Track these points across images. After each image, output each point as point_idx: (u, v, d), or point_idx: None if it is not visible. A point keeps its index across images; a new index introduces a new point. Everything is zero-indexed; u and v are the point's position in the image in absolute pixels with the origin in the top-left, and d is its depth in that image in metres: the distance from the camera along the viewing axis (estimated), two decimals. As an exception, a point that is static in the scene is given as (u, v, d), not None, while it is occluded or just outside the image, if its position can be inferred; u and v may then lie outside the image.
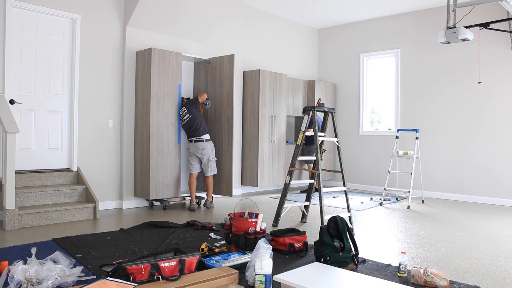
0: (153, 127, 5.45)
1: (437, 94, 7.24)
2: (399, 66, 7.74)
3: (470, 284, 2.89)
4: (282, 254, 3.49)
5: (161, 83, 5.52)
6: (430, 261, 3.44)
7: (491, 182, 6.64)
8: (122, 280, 2.42)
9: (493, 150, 6.64)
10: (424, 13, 7.40)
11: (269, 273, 2.62)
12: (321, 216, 4.32)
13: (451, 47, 7.02)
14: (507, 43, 6.49)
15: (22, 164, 4.93)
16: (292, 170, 4.76)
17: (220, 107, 5.99)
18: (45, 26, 5.06)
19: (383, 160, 7.84)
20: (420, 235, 4.40)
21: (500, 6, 6.30)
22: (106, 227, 4.51)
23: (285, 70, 8.19)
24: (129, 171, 5.68)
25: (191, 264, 2.71)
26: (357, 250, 3.26)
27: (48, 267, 2.61)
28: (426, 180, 7.20)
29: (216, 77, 6.04)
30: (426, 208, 6.12)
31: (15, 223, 4.28)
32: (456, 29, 5.01)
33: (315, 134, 4.56)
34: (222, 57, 5.98)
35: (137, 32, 5.74)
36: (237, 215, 3.65)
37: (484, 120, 6.73)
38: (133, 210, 5.53)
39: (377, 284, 2.57)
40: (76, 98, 5.28)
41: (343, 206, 6.01)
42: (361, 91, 8.27)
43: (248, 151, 7.15)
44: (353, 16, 8.05)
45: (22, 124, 4.93)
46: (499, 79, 6.60)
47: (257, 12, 7.66)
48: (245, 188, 7.42)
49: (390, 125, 7.97)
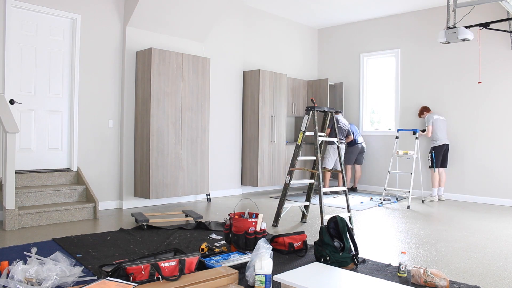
0: (153, 127, 5.45)
1: (437, 94, 7.24)
2: (399, 66, 7.73)
3: (470, 284, 2.89)
4: (282, 254, 3.49)
5: (161, 83, 5.52)
6: (430, 261, 3.44)
7: (491, 182, 6.64)
8: (122, 280, 2.42)
9: (493, 150, 6.63)
10: (424, 13, 7.40)
11: (269, 273, 2.62)
12: (321, 216, 4.32)
13: (451, 47, 7.02)
14: (507, 43, 6.49)
15: (22, 164, 4.93)
16: (292, 170, 4.76)
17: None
18: (45, 26, 5.06)
19: (383, 160, 7.84)
20: (420, 235, 4.40)
21: (500, 6, 6.30)
22: (106, 227, 4.51)
23: (285, 70, 8.19)
24: (129, 171, 5.68)
25: (191, 264, 2.71)
26: (357, 250, 3.26)
27: (48, 268, 2.61)
28: (426, 180, 7.20)
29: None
30: (426, 208, 6.12)
31: (15, 223, 4.28)
32: (456, 29, 5.01)
33: (315, 134, 4.56)
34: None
35: (137, 32, 5.75)
36: (237, 215, 3.65)
37: (484, 119, 6.73)
38: (133, 210, 5.52)
39: (377, 284, 2.56)
40: (76, 98, 5.28)
41: (343, 206, 6.01)
42: (361, 91, 8.27)
43: (248, 151, 7.15)
44: (353, 16, 8.05)
45: (22, 124, 4.93)
46: (499, 79, 6.60)
47: (257, 12, 7.66)
48: (245, 188, 7.43)
49: (390, 125, 7.97)
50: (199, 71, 5.99)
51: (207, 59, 6.10)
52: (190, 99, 5.90)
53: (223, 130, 6.96)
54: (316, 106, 4.66)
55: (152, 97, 5.43)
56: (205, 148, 6.10)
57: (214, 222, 4.69)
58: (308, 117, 4.71)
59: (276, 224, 4.66)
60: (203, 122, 6.07)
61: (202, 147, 6.06)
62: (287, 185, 4.74)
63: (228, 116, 7.03)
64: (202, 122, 6.06)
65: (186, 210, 4.94)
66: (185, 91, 5.82)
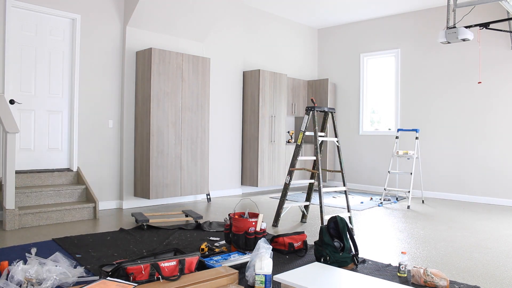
0: (153, 127, 5.45)
1: (437, 94, 7.24)
2: (399, 66, 7.74)
3: (470, 284, 2.89)
4: (282, 254, 3.49)
5: (161, 83, 5.52)
6: (430, 261, 3.44)
7: (491, 182, 6.64)
8: (122, 280, 2.42)
9: (493, 150, 6.63)
10: (424, 13, 7.40)
11: (269, 273, 2.62)
12: (321, 216, 4.32)
13: (451, 47, 7.03)
14: (507, 43, 6.49)
15: (22, 164, 4.93)
16: (292, 170, 4.76)
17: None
18: (45, 26, 5.06)
19: (383, 160, 7.84)
20: (420, 235, 4.40)
21: (500, 6, 6.30)
22: (106, 227, 4.51)
23: (285, 70, 8.20)
24: (129, 171, 5.68)
25: (191, 264, 2.71)
26: (357, 250, 3.26)
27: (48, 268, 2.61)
28: (426, 180, 7.20)
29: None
30: (426, 208, 6.12)
31: (15, 223, 4.28)
32: (456, 29, 5.01)
33: (315, 134, 4.57)
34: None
35: (137, 32, 5.75)
36: (237, 215, 3.65)
37: (484, 120, 6.73)
38: (133, 210, 5.52)
39: (377, 284, 2.56)
40: (76, 98, 5.28)
41: (343, 206, 6.02)
42: (361, 91, 8.27)
43: (248, 151, 7.16)
44: (353, 16, 8.05)
45: (22, 124, 4.93)
46: (499, 79, 6.60)
47: (257, 12, 7.66)
48: (245, 188, 7.43)
49: (390, 125, 7.97)
50: (199, 71, 5.99)
51: (207, 59, 6.10)
52: (190, 99, 5.90)
53: (223, 130, 6.96)
54: (316, 106, 4.66)
55: (152, 97, 5.43)
56: (205, 148, 6.10)
57: (216, 222, 4.69)
58: (308, 117, 4.71)
59: (276, 224, 4.66)
60: (203, 122, 6.07)
61: (202, 147, 6.06)
62: (287, 185, 4.74)
63: (228, 116, 7.03)
64: (202, 122, 6.06)
65: (186, 210, 4.94)
66: (185, 91, 5.82)
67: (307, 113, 4.71)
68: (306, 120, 4.71)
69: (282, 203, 4.68)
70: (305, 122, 4.72)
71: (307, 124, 4.72)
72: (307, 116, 4.71)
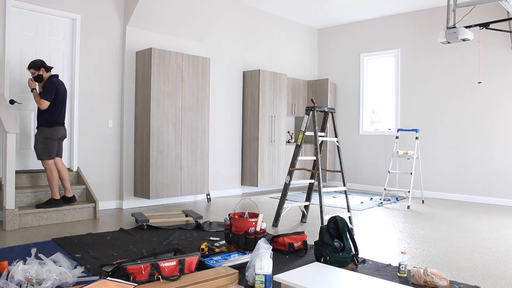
0: (153, 127, 5.45)
1: (437, 94, 7.24)
2: (399, 66, 7.73)
3: (470, 284, 2.89)
4: (282, 254, 3.49)
5: (161, 83, 5.52)
6: (430, 261, 3.44)
7: (491, 182, 6.64)
8: (122, 280, 2.42)
9: (493, 150, 6.63)
10: (424, 13, 7.40)
11: (269, 273, 2.62)
12: (321, 216, 4.32)
13: (451, 47, 7.03)
14: (507, 43, 6.49)
15: (22, 164, 4.93)
16: (292, 170, 4.76)
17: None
18: (45, 26, 5.06)
19: (383, 160, 7.84)
20: (420, 235, 4.40)
21: (500, 6, 6.30)
22: (106, 227, 4.51)
23: (285, 70, 8.20)
24: (129, 171, 5.68)
25: (191, 264, 2.71)
26: (357, 250, 3.26)
27: (48, 268, 2.61)
28: (426, 180, 7.20)
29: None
30: (426, 208, 6.12)
31: (15, 223, 4.28)
32: (456, 29, 5.01)
33: (315, 134, 4.56)
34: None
35: (137, 32, 5.74)
36: (237, 215, 3.65)
37: (484, 120, 6.73)
38: (133, 210, 5.52)
39: (377, 284, 2.56)
40: (76, 98, 5.27)
41: (343, 206, 6.02)
42: (361, 91, 8.27)
43: (248, 151, 7.16)
44: (353, 16, 8.05)
45: (22, 124, 4.92)
46: (499, 79, 6.60)
47: (257, 12, 7.66)
48: (245, 188, 7.43)
49: (390, 125, 7.97)
50: (199, 71, 5.99)
51: (207, 59, 6.10)
52: (190, 99, 5.90)
53: (223, 130, 6.96)
54: (316, 106, 4.66)
55: (152, 97, 5.43)
56: (205, 148, 6.10)
57: (216, 222, 4.69)
58: (308, 117, 4.71)
59: (276, 224, 4.66)
60: (203, 122, 6.07)
61: (202, 147, 6.06)
62: (287, 185, 4.74)
63: (228, 116, 7.03)
64: (202, 122, 6.06)
65: (186, 210, 4.94)
66: (185, 91, 5.82)
67: (307, 113, 4.71)
68: (306, 120, 4.71)
69: (282, 203, 4.68)
70: (305, 122, 4.72)
71: (307, 124, 4.72)
72: (307, 116, 4.71)
